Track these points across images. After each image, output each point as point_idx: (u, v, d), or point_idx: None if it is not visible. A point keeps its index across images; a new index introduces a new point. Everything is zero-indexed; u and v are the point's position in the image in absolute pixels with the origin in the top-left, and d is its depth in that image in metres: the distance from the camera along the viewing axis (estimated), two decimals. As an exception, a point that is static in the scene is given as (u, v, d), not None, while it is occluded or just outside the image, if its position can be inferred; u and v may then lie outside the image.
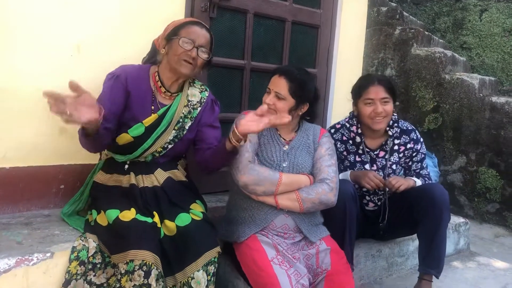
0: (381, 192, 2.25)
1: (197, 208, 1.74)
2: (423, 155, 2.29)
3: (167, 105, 1.79)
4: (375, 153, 2.24)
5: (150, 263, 1.45)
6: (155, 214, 1.64)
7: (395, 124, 2.22)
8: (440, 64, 4.07)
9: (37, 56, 1.87)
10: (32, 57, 1.85)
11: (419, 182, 2.22)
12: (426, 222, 2.06)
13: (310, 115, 1.96)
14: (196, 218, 1.66)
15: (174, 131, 1.79)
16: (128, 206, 1.61)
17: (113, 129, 1.68)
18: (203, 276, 1.56)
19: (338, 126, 2.29)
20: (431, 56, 4.11)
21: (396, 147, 2.24)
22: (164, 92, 1.79)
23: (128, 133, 1.72)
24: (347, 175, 2.18)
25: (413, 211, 2.11)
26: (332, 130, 2.28)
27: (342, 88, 3.02)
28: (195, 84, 1.90)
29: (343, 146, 2.25)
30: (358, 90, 2.17)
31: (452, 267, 2.66)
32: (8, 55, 1.80)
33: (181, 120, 1.81)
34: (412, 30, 4.30)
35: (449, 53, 4.22)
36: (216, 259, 1.61)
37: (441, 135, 4.08)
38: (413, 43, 4.27)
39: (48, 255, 1.53)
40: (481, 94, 3.89)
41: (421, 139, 2.29)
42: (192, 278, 1.55)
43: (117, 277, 1.48)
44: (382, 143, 2.24)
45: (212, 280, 1.59)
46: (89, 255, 1.58)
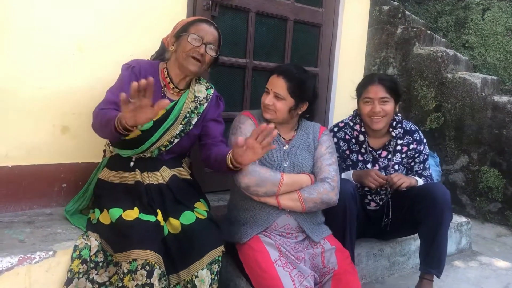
0: (383, 191, 2.25)
1: (201, 206, 1.75)
2: (426, 156, 2.28)
3: (175, 100, 1.82)
4: (377, 152, 2.23)
5: (152, 262, 1.45)
6: (159, 212, 1.64)
7: (399, 124, 2.21)
8: (442, 63, 4.06)
9: (38, 55, 1.87)
10: (33, 56, 1.86)
11: (421, 181, 2.21)
12: (428, 222, 2.05)
13: (310, 113, 1.96)
14: (200, 216, 1.66)
15: (181, 126, 1.81)
16: (131, 205, 1.61)
17: None
18: (207, 274, 1.56)
19: (342, 125, 2.28)
20: (433, 55, 4.10)
21: (399, 148, 2.24)
22: (173, 88, 1.83)
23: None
24: (349, 175, 2.18)
25: (414, 210, 2.10)
26: (335, 129, 2.28)
27: (344, 87, 3.02)
28: (201, 82, 1.94)
29: (346, 145, 2.25)
30: (359, 88, 2.18)
31: (454, 267, 2.66)
32: (9, 55, 1.80)
33: (188, 115, 1.83)
34: (414, 29, 4.29)
35: (451, 52, 4.21)
36: (220, 258, 1.62)
37: (443, 134, 4.07)
38: (415, 42, 4.26)
39: (51, 253, 1.54)
40: (483, 93, 3.88)
41: (424, 140, 2.28)
42: (196, 277, 1.55)
43: (119, 276, 1.48)
44: (386, 143, 2.23)
45: (216, 279, 1.60)
46: (91, 254, 1.58)
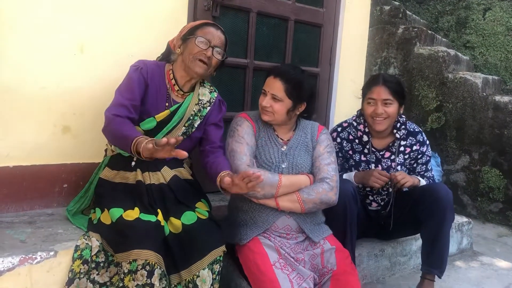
0: (384, 192, 2.24)
1: (202, 207, 1.75)
2: (428, 157, 2.28)
3: (179, 102, 1.83)
4: (381, 153, 2.23)
5: (153, 262, 1.45)
6: (159, 211, 1.64)
7: (403, 126, 2.20)
8: (443, 63, 4.06)
9: (40, 55, 1.87)
10: (35, 56, 1.86)
11: (423, 182, 2.21)
12: (430, 222, 2.05)
13: (308, 113, 1.96)
14: (202, 216, 1.67)
15: (184, 128, 1.83)
16: (132, 205, 1.62)
17: (136, 119, 1.72)
18: (208, 274, 1.56)
19: (345, 125, 2.28)
20: (434, 55, 4.09)
21: (401, 148, 2.23)
22: (177, 90, 1.83)
23: (139, 126, 1.74)
24: (351, 176, 2.18)
25: (416, 210, 2.10)
26: (339, 129, 2.27)
27: (345, 87, 3.02)
28: (205, 85, 1.94)
29: (349, 145, 2.25)
30: (364, 89, 2.19)
31: (455, 267, 2.66)
32: (11, 55, 1.81)
33: (191, 118, 1.84)
34: (415, 29, 4.28)
35: (452, 52, 4.21)
36: (221, 258, 1.62)
37: (444, 134, 4.07)
38: (416, 42, 4.25)
39: (52, 253, 1.54)
40: (484, 93, 3.87)
41: (427, 141, 2.28)
42: (198, 276, 1.55)
43: (120, 276, 1.49)
44: (389, 144, 2.23)
45: (217, 278, 1.60)
46: (92, 254, 1.58)
